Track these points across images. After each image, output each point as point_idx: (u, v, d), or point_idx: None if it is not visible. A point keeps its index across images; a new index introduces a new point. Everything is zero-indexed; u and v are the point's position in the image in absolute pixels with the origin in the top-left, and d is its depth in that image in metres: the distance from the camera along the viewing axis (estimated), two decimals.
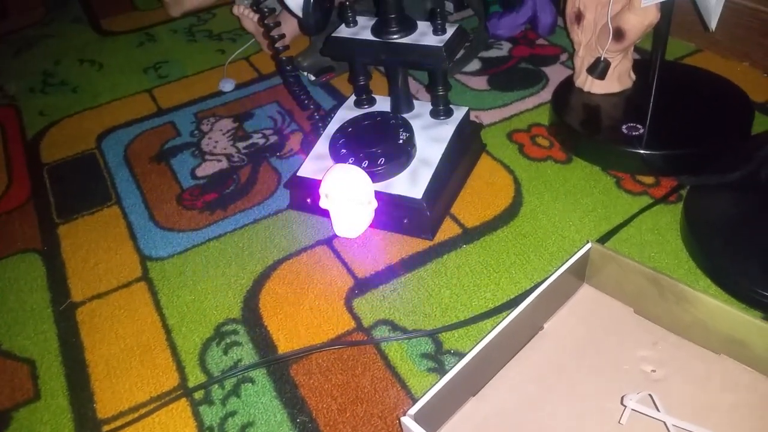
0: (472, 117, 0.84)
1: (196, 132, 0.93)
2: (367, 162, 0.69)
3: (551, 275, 0.54)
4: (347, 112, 0.79)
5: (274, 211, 0.76)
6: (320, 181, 0.67)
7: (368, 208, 0.67)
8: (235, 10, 1.08)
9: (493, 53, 1.02)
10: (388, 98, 0.79)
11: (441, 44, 0.68)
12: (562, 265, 0.55)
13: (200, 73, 1.08)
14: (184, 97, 1.02)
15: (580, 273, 0.58)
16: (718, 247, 0.60)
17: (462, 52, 0.98)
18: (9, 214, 0.83)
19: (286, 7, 0.73)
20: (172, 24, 1.26)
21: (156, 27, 1.26)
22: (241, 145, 0.89)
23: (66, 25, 1.35)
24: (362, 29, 0.73)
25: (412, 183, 0.69)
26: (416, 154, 0.71)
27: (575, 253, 0.56)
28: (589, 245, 0.56)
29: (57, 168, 0.91)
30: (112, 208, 0.81)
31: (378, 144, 0.70)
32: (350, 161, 0.69)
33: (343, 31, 0.73)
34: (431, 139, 0.73)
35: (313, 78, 0.99)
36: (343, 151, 0.71)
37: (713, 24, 0.67)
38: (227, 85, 1.02)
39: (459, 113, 0.75)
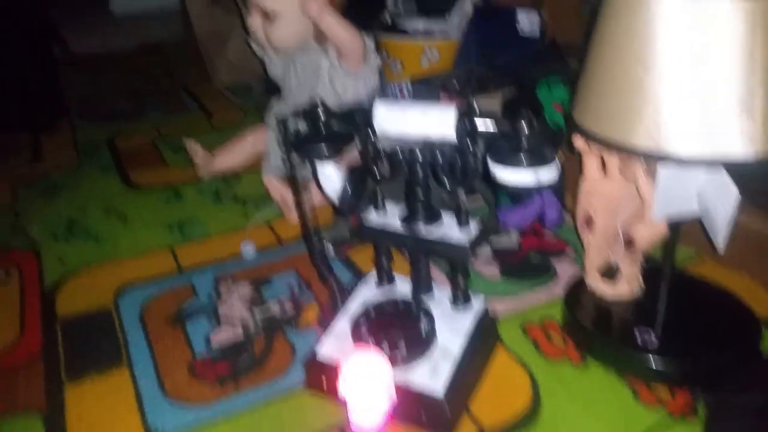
0: None
1: (213, 295, 0.94)
2: (387, 348, 0.69)
3: None
4: (367, 290, 0.82)
5: (287, 389, 0.75)
6: (338, 363, 0.68)
7: (386, 399, 0.66)
8: (265, 179, 1.15)
9: (503, 243, 1.07)
10: (408, 277, 0.82)
11: (466, 242, 0.72)
12: None
13: (222, 234, 1.12)
14: (205, 257, 1.04)
15: None
16: None
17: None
18: (17, 369, 0.81)
19: (322, 191, 0.79)
20: (199, 184, 1.32)
21: (184, 185, 1.32)
22: (257, 311, 0.89)
23: (96, 173, 1.40)
24: (391, 215, 0.77)
25: (432, 376, 0.69)
26: (437, 344, 0.72)
27: None
28: None
29: (71, 323, 0.90)
30: (122, 370, 0.79)
31: (399, 332, 0.72)
32: (370, 346, 0.70)
33: (373, 218, 0.78)
34: (451, 329, 0.74)
35: (333, 252, 1.03)
36: (364, 335, 0.72)
37: (722, 245, 0.71)
38: (248, 249, 1.05)
39: (478, 303, 0.78)
